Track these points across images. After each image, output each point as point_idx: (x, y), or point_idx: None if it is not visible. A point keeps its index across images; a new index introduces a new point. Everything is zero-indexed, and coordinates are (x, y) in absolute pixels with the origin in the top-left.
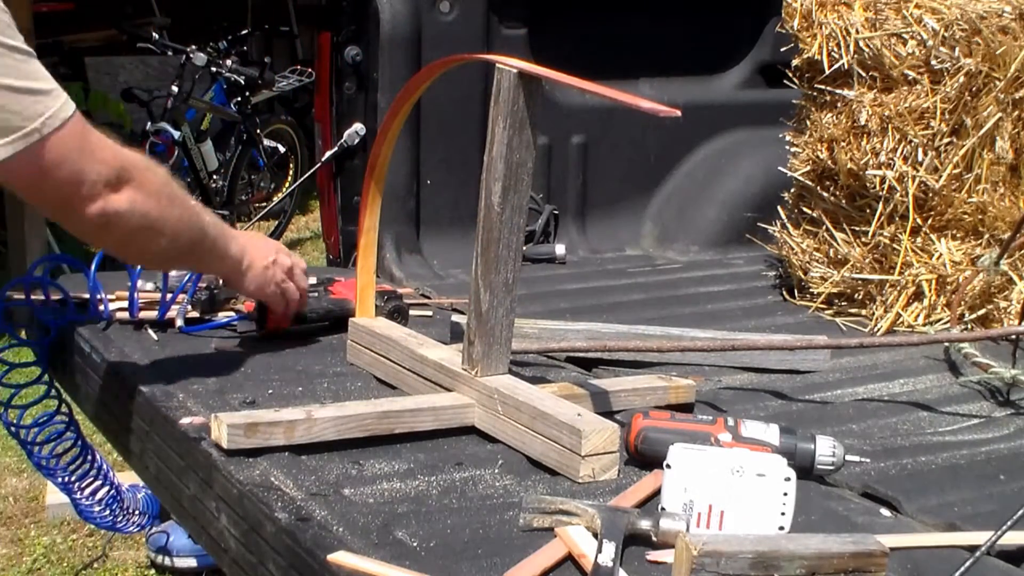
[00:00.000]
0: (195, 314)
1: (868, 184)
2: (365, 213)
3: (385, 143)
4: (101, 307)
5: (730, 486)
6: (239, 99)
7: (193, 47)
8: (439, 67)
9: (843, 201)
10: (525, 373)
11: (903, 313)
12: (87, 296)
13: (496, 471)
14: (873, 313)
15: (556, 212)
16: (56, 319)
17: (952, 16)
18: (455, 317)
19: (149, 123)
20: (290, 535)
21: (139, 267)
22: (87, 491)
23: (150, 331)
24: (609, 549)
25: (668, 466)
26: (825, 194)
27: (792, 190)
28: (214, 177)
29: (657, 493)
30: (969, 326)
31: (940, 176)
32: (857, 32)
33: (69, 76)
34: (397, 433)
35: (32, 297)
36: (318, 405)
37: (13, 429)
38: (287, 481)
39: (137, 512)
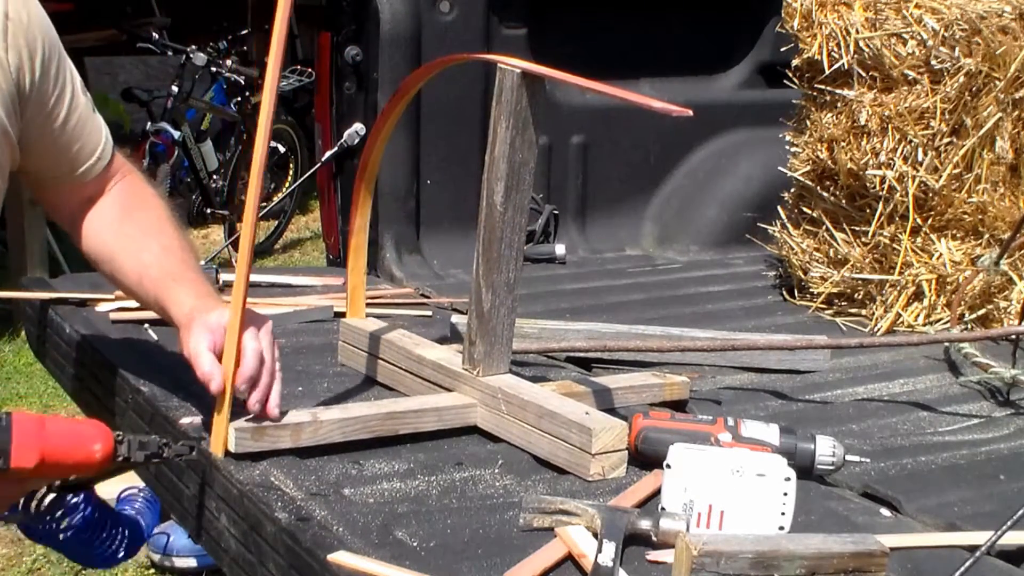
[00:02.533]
0: None
1: (868, 184)
2: (356, 213)
3: (377, 143)
4: None
5: (730, 486)
6: (239, 99)
7: (193, 47)
8: (434, 67)
9: (843, 201)
10: (525, 373)
11: (903, 313)
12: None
13: (496, 471)
14: (873, 313)
15: (556, 212)
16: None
17: (952, 16)
18: (454, 318)
19: (149, 123)
20: (290, 535)
21: None
22: None
23: (150, 331)
24: (609, 549)
25: (668, 466)
26: (825, 194)
27: (792, 190)
28: (214, 177)
29: (657, 493)
30: (969, 326)
31: (940, 176)
32: (857, 32)
33: None
34: (400, 434)
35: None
36: (323, 407)
37: None
38: (287, 481)
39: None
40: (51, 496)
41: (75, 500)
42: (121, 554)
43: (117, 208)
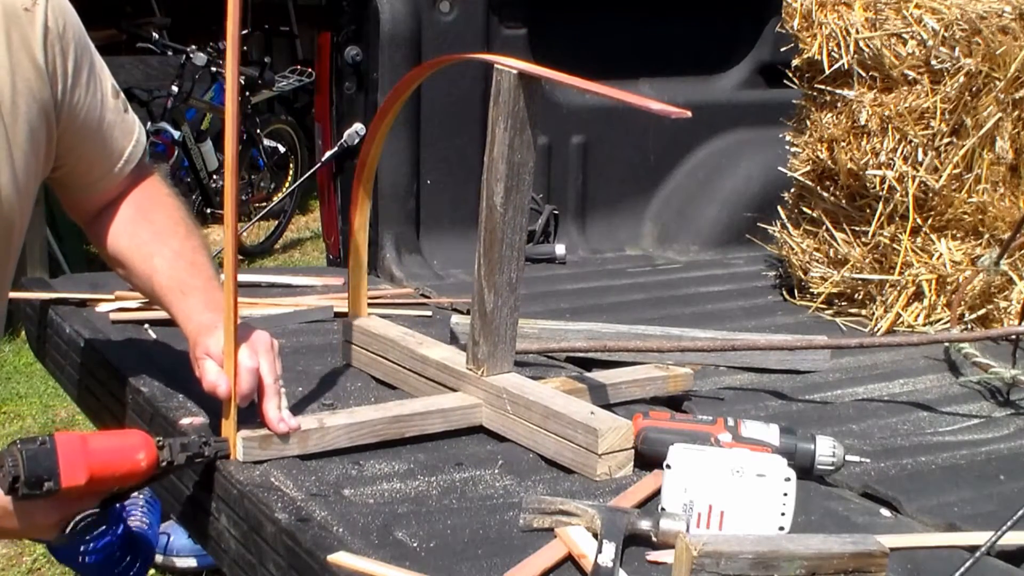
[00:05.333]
0: None
1: (868, 184)
2: (355, 213)
3: (374, 143)
4: None
5: (730, 486)
6: (239, 99)
7: (193, 47)
8: (430, 67)
9: (843, 201)
10: (526, 373)
11: (903, 313)
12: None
13: (496, 471)
14: (873, 313)
15: (556, 212)
16: None
17: (952, 16)
18: (454, 319)
19: (149, 123)
20: (290, 535)
21: None
22: None
23: (150, 331)
24: (609, 549)
25: (668, 466)
26: (825, 194)
27: (792, 190)
28: (214, 177)
29: (657, 493)
30: (969, 326)
31: (940, 176)
32: (857, 32)
33: None
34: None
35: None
36: (328, 412)
37: None
38: (287, 482)
39: None
40: (86, 517)
41: (107, 527)
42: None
43: (132, 210)
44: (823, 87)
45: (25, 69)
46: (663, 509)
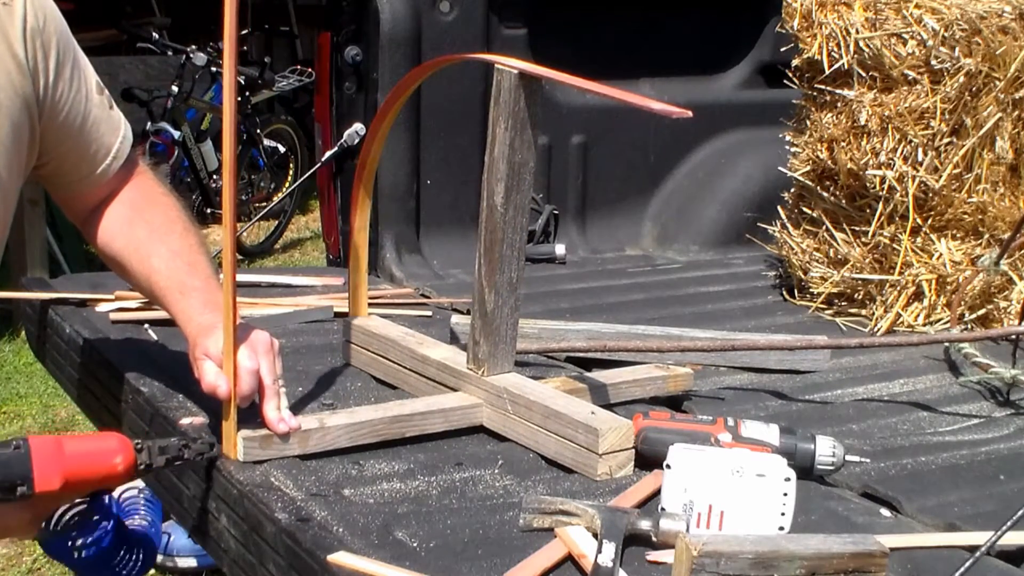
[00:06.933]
0: None
1: (868, 184)
2: (356, 212)
3: (375, 142)
4: None
5: (730, 486)
6: (239, 99)
7: (193, 47)
8: (431, 67)
9: (843, 201)
10: (526, 373)
11: (903, 313)
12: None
13: (496, 471)
14: (873, 313)
15: (556, 212)
16: None
17: (952, 16)
18: (454, 319)
19: (149, 123)
20: (290, 535)
21: None
22: None
23: (150, 331)
24: (609, 549)
25: (668, 466)
26: (825, 194)
27: (792, 190)
28: (214, 177)
29: (657, 493)
30: (969, 326)
31: (940, 176)
32: (857, 32)
33: None
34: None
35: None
36: (329, 412)
37: None
38: (287, 482)
39: None
40: (76, 512)
41: (97, 519)
42: None
43: (127, 208)
44: (823, 87)
45: (5, 64)
46: (663, 509)
